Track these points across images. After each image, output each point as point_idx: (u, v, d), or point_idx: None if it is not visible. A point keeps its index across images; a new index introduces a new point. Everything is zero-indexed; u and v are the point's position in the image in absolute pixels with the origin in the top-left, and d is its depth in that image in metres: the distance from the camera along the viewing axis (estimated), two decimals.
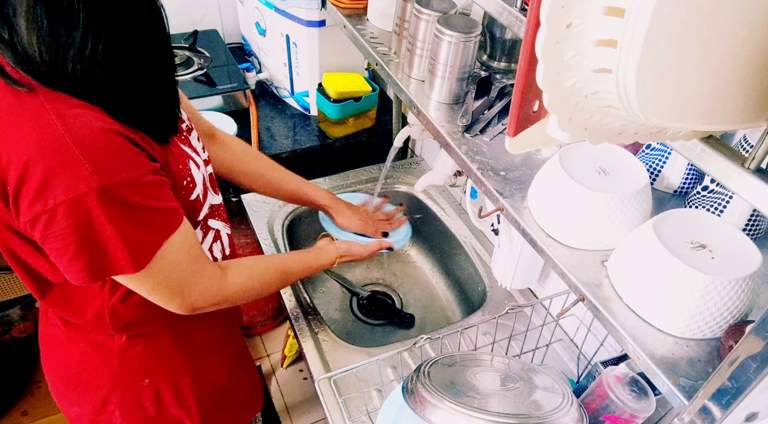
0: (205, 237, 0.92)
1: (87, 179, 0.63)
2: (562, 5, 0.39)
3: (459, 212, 1.51)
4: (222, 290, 0.85)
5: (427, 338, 0.99)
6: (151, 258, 0.72)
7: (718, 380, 0.49)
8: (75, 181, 0.63)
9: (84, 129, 0.64)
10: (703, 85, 0.40)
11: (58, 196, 0.63)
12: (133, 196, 0.68)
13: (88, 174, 0.63)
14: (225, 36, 1.94)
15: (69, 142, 0.63)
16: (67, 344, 0.91)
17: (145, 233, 0.71)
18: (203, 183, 0.86)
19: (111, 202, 0.65)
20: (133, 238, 0.69)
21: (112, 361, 0.89)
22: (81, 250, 0.67)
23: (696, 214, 0.68)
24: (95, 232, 0.66)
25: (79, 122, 0.64)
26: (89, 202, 0.64)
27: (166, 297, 0.79)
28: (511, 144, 0.53)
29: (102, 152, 0.65)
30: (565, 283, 0.71)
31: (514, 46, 1.00)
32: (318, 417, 1.92)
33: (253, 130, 1.62)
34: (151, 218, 0.71)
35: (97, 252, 0.68)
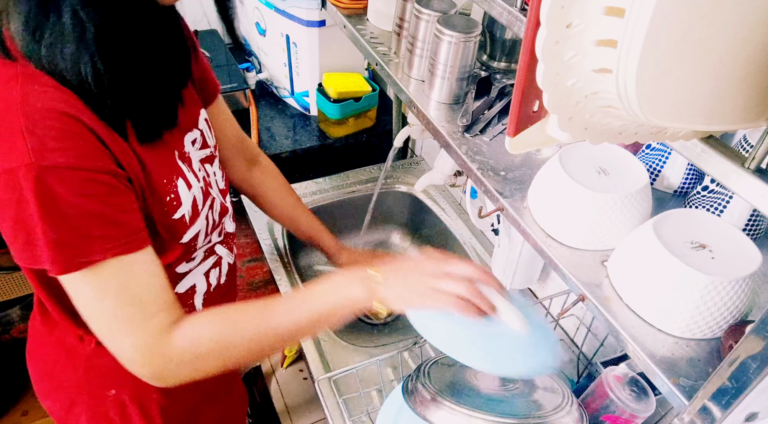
0: (203, 260, 0.89)
1: (22, 154, 0.59)
2: (562, 5, 0.39)
3: (459, 212, 1.51)
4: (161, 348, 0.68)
5: None
6: (76, 268, 0.64)
7: (718, 380, 0.49)
8: (11, 153, 0.60)
9: (41, 104, 0.61)
10: (703, 85, 0.40)
11: None
12: (69, 187, 0.61)
13: (26, 149, 0.59)
14: (225, 36, 1.94)
15: (18, 115, 0.60)
16: (44, 337, 0.91)
17: (75, 236, 0.63)
18: (193, 204, 0.79)
19: (41, 186, 0.60)
20: (57, 236, 0.62)
21: (79, 366, 0.87)
22: (17, 228, 0.62)
23: (696, 214, 0.68)
24: (26, 214, 0.61)
25: (41, 98, 0.61)
26: (20, 178, 0.60)
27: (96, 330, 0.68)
28: (511, 144, 0.53)
29: (48, 131, 0.60)
30: (565, 283, 0.71)
31: (514, 46, 1.00)
32: (318, 417, 1.92)
33: (253, 130, 1.62)
34: (86, 222, 0.63)
35: (27, 237, 0.62)
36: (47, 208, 0.61)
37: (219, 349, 0.71)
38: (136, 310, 0.68)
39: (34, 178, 0.60)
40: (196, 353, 0.70)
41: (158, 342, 0.68)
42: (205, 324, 0.71)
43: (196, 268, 0.88)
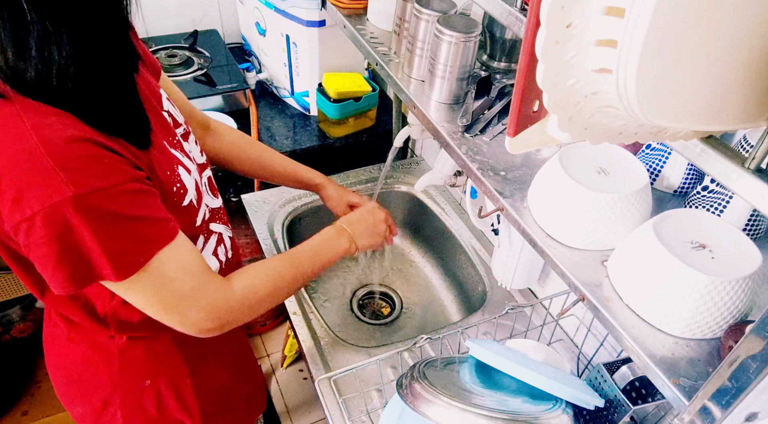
0: (207, 241, 0.91)
1: (61, 188, 0.62)
2: (562, 5, 0.39)
3: (459, 212, 1.51)
4: (228, 302, 0.81)
5: (427, 338, 0.99)
6: (137, 269, 0.70)
7: (718, 380, 0.49)
8: (49, 190, 0.62)
9: (58, 138, 0.64)
10: (703, 85, 0.40)
11: (34, 206, 0.63)
12: (111, 204, 0.66)
13: (62, 183, 0.62)
14: (225, 36, 1.94)
15: (42, 153, 0.62)
16: (69, 345, 0.91)
17: (128, 242, 0.68)
18: (196, 188, 0.84)
19: (88, 211, 0.64)
20: (114, 248, 0.67)
21: (113, 362, 0.89)
22: (63, 259, 0.66)
23: (696, 214, 0.68)
24: (75, 241, 0.65)
25: (53, 132, 0.64)
26: (65, 211, 0.63)
27: (161, 313, 0.76)
28: (511, 144, 0.53)
29: (76, 161, 0.64)
30: (565, 283, 0.71)
31: (514, 46, 1.00)
32: (318, 417, 1.92)
33: (253, 130, 1.62)
34: (134, 228, 0.69)
35: (79, 261, 0.67)
36: (100, 228, 0.65)
37: (268, 293, 0.86)
38: (195, 280, 0.76)
39: (81, 207, 0.63)
40: (253, 298, 0.84)
41: (222, 298, 0.80)
42: (253, 275, 0.85)
43: (203, 251, 0.91)
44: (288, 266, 0.90)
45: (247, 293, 0.83)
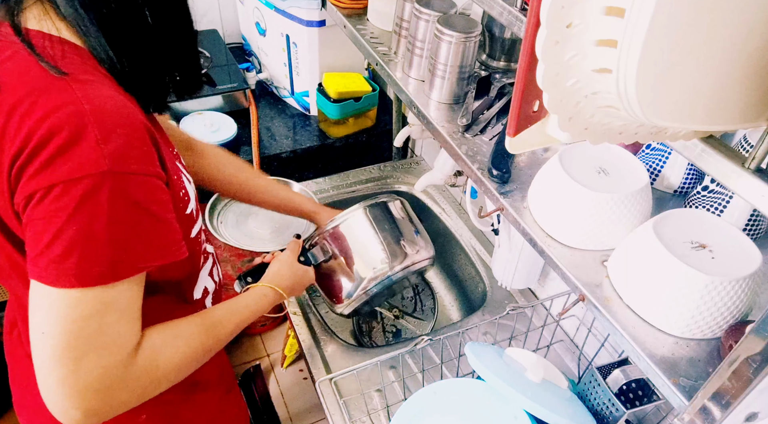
0: (206, 262, 0.89)
1: (99, 160, 0.59)
2: (562, 5, 0.39)
3: (459, 212, 1.51)
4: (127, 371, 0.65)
5: (428, 338, 0.99)
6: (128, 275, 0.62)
7: (718, 380, 0.49)
8: (85, 161, 0.59)
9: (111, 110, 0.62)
10: (703, 86, 0.40)
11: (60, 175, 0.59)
12: (141, 194, 0.63)
13: (103, 155, 0.59)
14: (225, 36, 1.94)
15: (91, 121, 0.60)
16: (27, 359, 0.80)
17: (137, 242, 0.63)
18: (196, 198, 0.81)
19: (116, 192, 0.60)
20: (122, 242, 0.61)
21: None
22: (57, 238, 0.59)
23: (696, 214, 0.68)
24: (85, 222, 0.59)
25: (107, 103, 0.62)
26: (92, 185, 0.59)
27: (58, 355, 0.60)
28: (511, 144, 0.53)
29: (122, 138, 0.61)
30: (565, 283, 0.71)
31: (513, 46, 1.00)
32: (318, 417, 1.92)
33: (253, 130, 1.62)
34: (151, 227, 0.64)
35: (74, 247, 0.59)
36: (118, 214, 0.61)
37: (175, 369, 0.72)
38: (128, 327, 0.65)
39: (110, 186, 0.60)
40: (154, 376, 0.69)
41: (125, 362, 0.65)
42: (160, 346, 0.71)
43: (201, 271, 0.88)
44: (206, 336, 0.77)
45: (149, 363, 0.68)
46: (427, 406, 0.85)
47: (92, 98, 0.61)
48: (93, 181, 0.59)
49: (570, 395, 0.90)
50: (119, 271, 0.62)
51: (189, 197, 0.78)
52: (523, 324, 1.18)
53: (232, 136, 1.54)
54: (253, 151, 1.55)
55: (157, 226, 0.65)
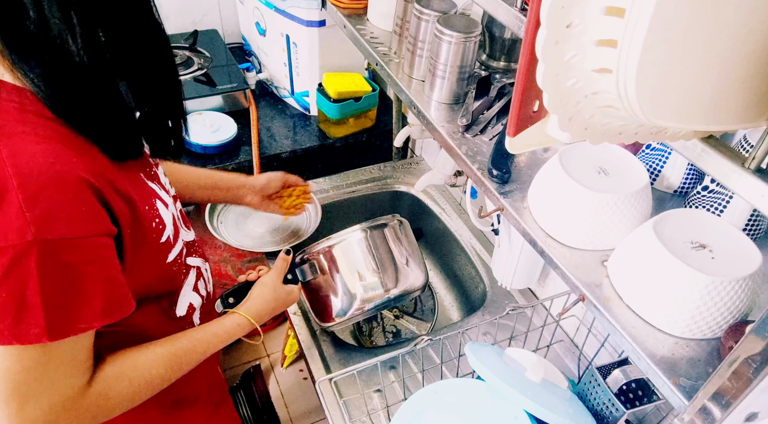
0: (186, 277, 0.86)
1: (24, 229, 0.56)
2: (562, 5, 0.39)
3: (459, 212, 1.51)
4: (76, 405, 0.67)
5: (428, 338, 0.99)
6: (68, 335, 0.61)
7: (718, 380, 0.49)
8: (9, 228, 0.56)
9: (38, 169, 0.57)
10: (704, 86, 0.40)
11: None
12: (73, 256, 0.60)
13: (27, 223, 0.56)
14: (225, 36, 1.94)
15: (14, 185, 0.56)
16: None
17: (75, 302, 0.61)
18: (173, 223, 0.79)
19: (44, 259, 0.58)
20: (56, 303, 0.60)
21: None
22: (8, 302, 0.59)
23: (696, 214, 0.68)
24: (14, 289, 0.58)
25: (35, 161, 0.58)
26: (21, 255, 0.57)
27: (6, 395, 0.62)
28: (511, 144, 0.53)
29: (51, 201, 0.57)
30: (565, 283, 0.71)
31: (513, 46, 1.00)
32: (318, 417, 1.92)
33: (253, 130, 1.62)
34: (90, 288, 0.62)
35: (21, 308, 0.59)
36: (49, 279, 0.59)
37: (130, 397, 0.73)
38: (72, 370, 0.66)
39: (35, 254, 0.57)
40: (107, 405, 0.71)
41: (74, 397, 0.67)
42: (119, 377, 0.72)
43: (183, 288, 0.86)
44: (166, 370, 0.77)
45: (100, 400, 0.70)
46: (427, 406, 0.85)
47: (18, 157, 0.57)
48: (18, 250, 0.56)
49: (570, 395, 0.90)
50: (57, 332, 0.61)
51: (164, 225, 0.75)
52: (523, 324, 1.18)
53: (232, 136, 1.54)
54: (253, 152, 1.55)
55: (95, 286, 0.63)
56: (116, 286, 0.66)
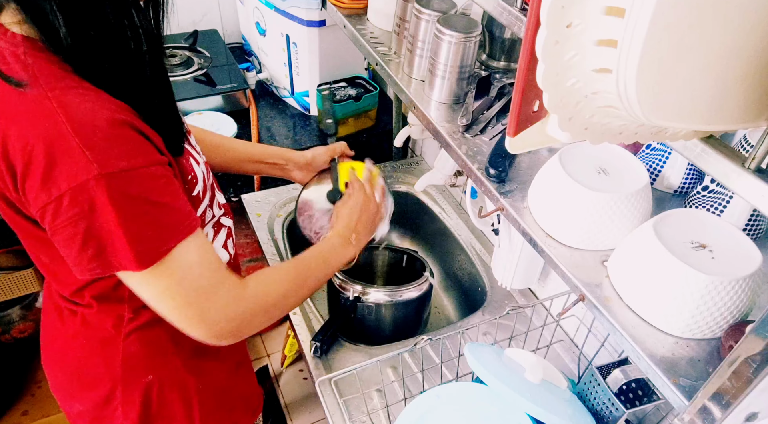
0: (217, 234, 0.92)
1: (87, 167, 0.62)
2: (562, 5, 0.39)
3: (459, 212, 1.51)
4: (244, 302, 0.79)
5: (428, 338, 0.99)
6: (160, 258, 0.69)
7: (718, 380, 0.49)
8: (75, 169, 0.62)
9: (85, 116, 0.63)
10: (704, 85, 0.40)
11: (60, 186, 0.63)
12: (137, 187, 0.66)
13: (88, 162, 0.62)
14: (225, 36, 1.94)
15: (69, 130, 0.62)
16: (71, 340, 0.91)
17: (152, 229, 0.68)
18: (204, 179, 0.85)
19: (113, 191, 0.64)
20: (138, 233, 0.66)
21: (116, 357, 0.88)
22: (88, 241, 0.65)
23: (696, 214, 0.68)
24: (100, 222, 0.64)
25: (81, 109, 0.64)
26: (91, 191, 0.63)
27: (180, 308, 0.73)
28: (511, 144, 0.53)
29: (102, 140, 0.63)
30: (565, 283, 0.71)
31: (513, 45, 1.00)
32: (318, 417, 1.92)
33: (253, 130, 1.62)
34: (158, 214, 0.68)
35: (103, 244, 0.66)
36: (123, 210, 0.65)
37: (280, 297, 0.85)
38: (215, 276, 0.75)
39: (105, 187, 0.63)
40: (268, 303, 0.83)
41: (239, 297, 0.78)
42: (265, 279, 0.84)
43: (213, 243, 0.91)
44: (299, 273, 0.90)
45: (261, 296, 0.82)
46: (429, 411, 0.85)
47: (66, 106, 0.63)
48: (89, 186, 0.63)
49: (569, 395, 0.90)
50: (145, 260, 0.68)
51: (197, 179, 0.82)
52: (523, 324, 1.18)
53: (231, 136, 1.54)
54: None
55: (163, 210, 0.69)
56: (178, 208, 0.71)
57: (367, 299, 1.16)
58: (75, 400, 0.94)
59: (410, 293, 1.18)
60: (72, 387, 0.94)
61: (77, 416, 0.95)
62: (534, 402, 0.79)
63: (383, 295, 1.17)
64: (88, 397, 0.92)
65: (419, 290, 1.19)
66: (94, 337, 0.89)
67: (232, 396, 1.05)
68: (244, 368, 1.11)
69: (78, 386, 0.93)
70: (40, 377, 1.95)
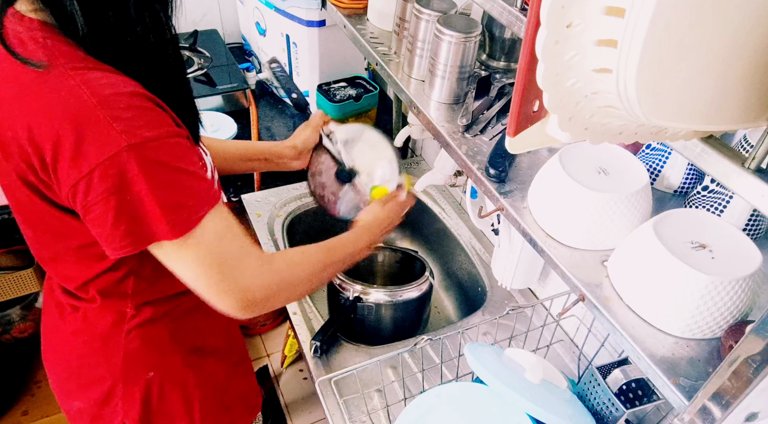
0: None
1: (116, 139, 0.63)
2: (562, 5, 0.39)
3: (459, 212, 1.51)
4: (271, 272, 0.79)
5: (428, 338, 0.99)
6: (193, 226, 0.69)
7: (718, 380, 0.49)
8: (104, 142, 0.63)
9: (108, 90, 0.65)
10: (704, 85, 0.40)
11: (91, 161, 0.63)
12: (165, 155, 0.66)
13: (117, 134, 0.63)
14: (225, 36, 1.94)
15: (95, 104, 0.63)
16: (72, 336, 0.91)
17: (183, 196, 0.69)
18: (212, 169, 0.85)
19: (143, 161, 0.64)
20: (170, 201, 0.67)
21: (117, 353, 0.88)
22: (121, 214, 0.66)
23: (696, 214, 0.68)
24: (132, 194, 0.65)
25: (102, 84, 0.65)
26: (121, 162, 0.63)
27: (214, 277, 0.73)
28: (511, 144, 0.53)
29: (126, 111, 0.65)
30: (565, 283, 0.71)
31: (513, 45, 1.00)
32: (318, 417, 1.92)
33: (253, 130, 1.62)
34: (187, 182, 0.69)
35: (136, 216, 0.66)
36: (155, 179, 0.65)
37: (306, 275, 0.86)
38: (241, 243, 0.76)
39: (135, 157, 0.64)
40: (294, 278, 0.83)
41: (266, 267, 0.79)
42: (291, 255, 0.86)
43: None
44: (324, 255, 0.90)
45: (287, 269, 0.83)
46: (429, 411, 0.85)
47: (89, 82, 0.64)
48: (120, 157, 0.63)
49: (569, 395, 0.90)
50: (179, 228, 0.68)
51: (206, 166, 0.82)
52: (523, 324, 1.18)
53: (232, 136, 1.54)
54: None
55: (191, 178, 0.70)
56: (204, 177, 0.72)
57: (367, 299, 1.16)
58: (75, 398, 0.95)
59: (410, 293, 1.18)
60: (72, 384, 0.94)
61: (77, 413, 0.95)
62: (534, 402, 0.79)
63: (383, 295, 1.17)
64: (89, 394, 0.93)
65: (419, 290, 1.19)
66: (96, 334, 0.89)
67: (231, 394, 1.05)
68: (243, 367, 1.11)
69: (78, 383, 0.93)
70: (40, 377, 1.95)
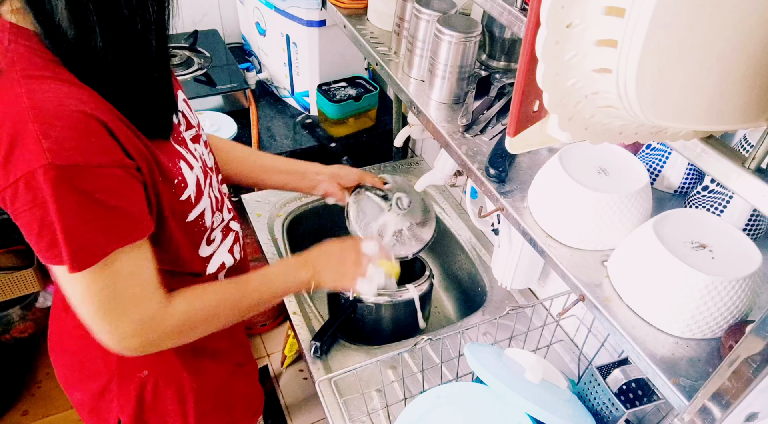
0: (224, 239, 0.94)
1: (39, 156, 0.61)
2: (562, 5, 0.39)
3: (459, 212, 1.51)
4: (162, 321, 0.77)
5: (428, 338, 0.99)
6: (94, 262, 0.67)
7: (718, 380, 0.49)
8: (29, 156, 0.61)
9: (50, 104, 0.63)
10: (704, 85, 0.40)
11: (17, 171, 0.62)
12: (88, 183, 0.64)
13: (41, 151, 0.61)
14: (225, 36, 1.94)
15: (31, 117, 0.62)
16: (73, 332, 0.92)
17: (92, 230, 0.66)
18: (197, 185, 0.83)
19: (59, 184, 0.62)
20: (77, 231, 0.65)
21: None
22: (43, 227, 0.64)
23: (696, 214, 0.68)
24: (47, 212, 0.64)
25: (47, 97, 0.63)
26: (38, 179, 0.62)
27: (93, 315, 0.72)
28: (511, 144, 0.53)
29: (62, 130, 0.62)
30: (565, 283, 0.71)
31: (513, 46, 1.00)
32: (318, 417, 1.92)
33: (253, 130, 1.62)
34: (103, 216, 0.67)
35: (53, 234, 0.65)
36: (66, 206, 0.64)
37: (205, 319, 0.83)
38: (140, 290, 0.74)
39: (52, 178, 0.62)
40: (189, 323, 0.81)
41: (158, 316, 0.76)
42: (193, 300, 0.81)
43: (219, 248, 0.93)
44: (233, 294, 0.87)
45: (183, 318, 0.80)
46: (429, 411, 0.85)
47: (34, 94, 0.63)
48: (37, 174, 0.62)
49: (569, 395, 0.90)
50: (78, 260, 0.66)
51: (186, 184, 0.80)
52: (523, 324, 1.18)
53: (232, 136, 1.54)
54: None
55: (110, 213, 0.67)
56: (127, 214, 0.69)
57: (367, 299, 1.16)
58: (76, 389, 0.97)
59: (410, 293, 1.18)
60: (73, 376, 0.97)
61: (79, 404, 0.98)
62: (534, 402, 0.79)
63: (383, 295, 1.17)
64: (87, 387, 0.95)
65: (419, 290, 1.19)
66: None
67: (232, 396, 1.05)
68: (246, 369, 1.11)
69: (78, 375, 0.95)
70: (41, 377, 1.95)
